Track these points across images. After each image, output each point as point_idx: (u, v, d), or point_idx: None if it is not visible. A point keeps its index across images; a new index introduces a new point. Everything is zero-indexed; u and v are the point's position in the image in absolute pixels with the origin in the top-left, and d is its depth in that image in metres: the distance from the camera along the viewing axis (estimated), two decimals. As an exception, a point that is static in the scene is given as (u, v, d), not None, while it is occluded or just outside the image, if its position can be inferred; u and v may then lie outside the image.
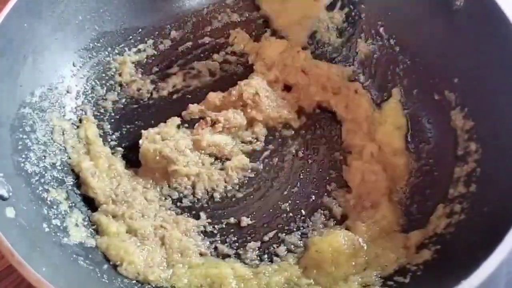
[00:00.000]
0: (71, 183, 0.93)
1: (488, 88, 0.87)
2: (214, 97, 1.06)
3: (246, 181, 1.00)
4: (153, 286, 0.84)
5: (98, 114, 1.05)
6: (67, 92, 1.01)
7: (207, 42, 1.17)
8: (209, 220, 0.95)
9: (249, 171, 1.01)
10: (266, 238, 0.93)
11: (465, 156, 0.88)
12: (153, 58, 1.14)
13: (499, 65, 0.84)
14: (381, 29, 1.07)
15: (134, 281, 0.83)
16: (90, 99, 1.05)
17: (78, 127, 1.00)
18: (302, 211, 0.96)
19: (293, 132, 1.06)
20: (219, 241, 0.92)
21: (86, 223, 0.89)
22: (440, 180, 0.91)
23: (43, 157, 0.90)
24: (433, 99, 0.97)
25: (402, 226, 0.91)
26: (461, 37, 0.92)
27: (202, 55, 1.16)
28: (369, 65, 1.10)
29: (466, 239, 0.77)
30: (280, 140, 1.05)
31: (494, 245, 0.65)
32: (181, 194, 0.97)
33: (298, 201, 0.97)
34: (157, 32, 1.14)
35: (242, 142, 1.04)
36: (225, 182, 0.99)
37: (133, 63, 1.11)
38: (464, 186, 0.85)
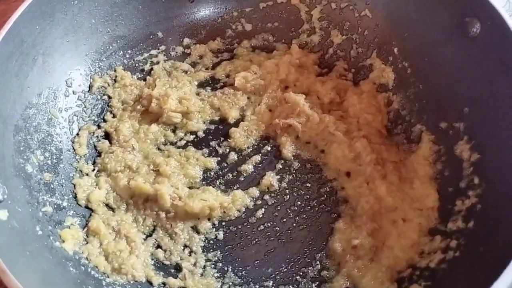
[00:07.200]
0: (70, 186, 0.94)
1: (500, 122, 0.83)
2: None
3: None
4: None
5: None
6: (74, 94, 1.01)
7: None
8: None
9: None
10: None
11: (467, 190, 0.85)
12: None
13: (512, 97, 0.81)
14: (395, 50, 1.05)
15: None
16: (98, 102, 1.06)
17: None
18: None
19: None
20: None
21: (80, 228, 0.89)
22: (441, 211, 0.89)
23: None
24: (439, 127, 0.95)
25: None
26: (476, 65, 0.88)
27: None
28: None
29: (457, 280, 0.75)
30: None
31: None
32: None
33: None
34: (170, 39, 1.14)
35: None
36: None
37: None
38: (463, 222, 0.83)
